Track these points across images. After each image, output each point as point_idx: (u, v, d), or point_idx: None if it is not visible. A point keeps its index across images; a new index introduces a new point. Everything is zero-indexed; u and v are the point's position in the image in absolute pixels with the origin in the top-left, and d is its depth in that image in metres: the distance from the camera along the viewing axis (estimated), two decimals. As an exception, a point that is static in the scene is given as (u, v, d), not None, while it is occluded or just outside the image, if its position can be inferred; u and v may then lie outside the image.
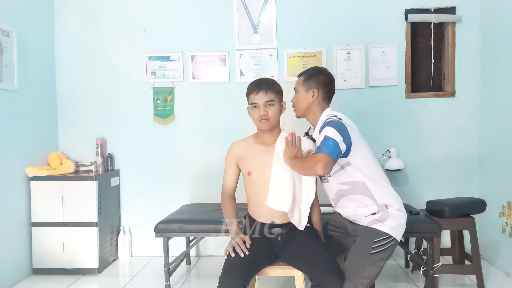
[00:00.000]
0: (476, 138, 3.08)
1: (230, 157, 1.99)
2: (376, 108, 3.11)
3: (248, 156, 1.93)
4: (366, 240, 1.80)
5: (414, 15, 3.04)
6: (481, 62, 3.05)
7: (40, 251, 2.86)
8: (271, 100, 1.86)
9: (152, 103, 3.24)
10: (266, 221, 1.90)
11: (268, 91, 1.86)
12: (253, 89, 1.88)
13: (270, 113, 1.86)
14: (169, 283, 2.50)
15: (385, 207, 1.81)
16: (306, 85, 1.94)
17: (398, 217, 1.82)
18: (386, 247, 1.77)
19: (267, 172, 1.88)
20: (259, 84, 1.88)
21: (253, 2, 3.15)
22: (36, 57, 3.04)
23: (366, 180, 1.83)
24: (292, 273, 1.88)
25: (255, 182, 1.91)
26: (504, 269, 2.76)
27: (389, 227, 1.78)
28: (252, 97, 1.89)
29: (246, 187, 1.98)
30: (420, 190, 3.11)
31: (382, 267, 1.80)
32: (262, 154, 1.92)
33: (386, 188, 1.86)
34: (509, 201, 2.67)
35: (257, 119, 1.88)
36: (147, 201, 3.25)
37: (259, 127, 1.93)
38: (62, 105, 3.28)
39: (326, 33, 3.13)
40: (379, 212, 1.81)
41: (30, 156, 2.91)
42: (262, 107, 1.86)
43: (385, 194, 1.84)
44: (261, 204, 1.90)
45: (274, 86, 1.90)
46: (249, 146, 1.97)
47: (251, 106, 1.90)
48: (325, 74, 1.97)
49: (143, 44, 3.23)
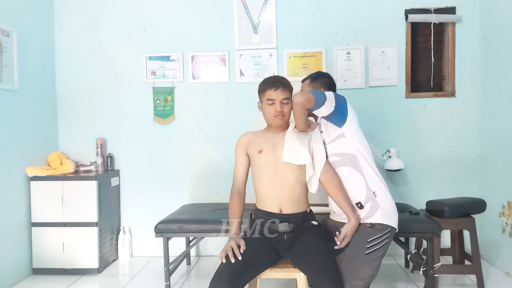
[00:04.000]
0: (476, 138, 3.08)
1: (239, 147, 2.02)
2: (376, 108, 3.11)
3: (258, 138, 1.99)
4: (360, 241, 1.80)
5: (414, 15, 3.04)
6: (481, 62, 3.05)
7: (40, 251, 2.86)
8: (287, 98, 1.93)
9: (152, 103, 3.24)
10: (274, 210, 1.89)
11: (285, 90, 1.93)
12: (271, 86, 1.93)
13: (286, 110, 1.94)
14: (169, 283, 2.50)
15: (373, 195, 1.84)
16: (313, 86, 2.06)
17: (387, 204, 1.85)
18: (380, 246, 1.79)
19: (278, 151, 1.91)
20: (276, 82, 1.93)
21: (253, 2, 3.15)
22: (36, 57, 3.04)
23: (357, 154, 1.88)
24: (294, 275, 1.87)
25: (266, 160, 1.92)
26: (504, 269, 2.76)
27: (380, 217, 1.81)
28: (269, 93, 1.92)
29: (254, 173, 1.97)
30: (420, 190, 3.11)
31: (378, 267, 1.80)
32: (273, 137, 1.97)
33: (374, 168, 1.90)
34: (509, 201, 2.67)
35: (272, 114, 1.93)
36: (147, 201, 3.25)
37: (273, 122, 1.97)
38: (62, 105, 3.28)
39: (326, 33, 3.13)
40: (367, 203, 1.84)
41: (30, 156, 2.91)
42: (279, 103, 1.91)
43: (373, 174, 1.87)
44: (270, 187, 1.90)
45: (289, 84, 1.98)
46: (259, 134, 2.03)
47: (267, 102, 1.93)
48: (328, 77, 2.12)
49: (143, 44, 3.23)
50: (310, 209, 2.00)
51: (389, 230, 1.82)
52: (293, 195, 1.90)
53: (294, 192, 1.90)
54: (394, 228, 1.85)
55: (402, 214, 2.44)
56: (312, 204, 2.08)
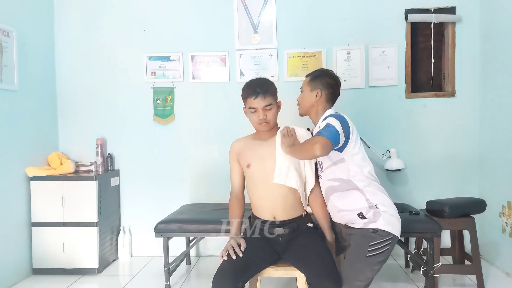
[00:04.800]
0: (476, 138, 3.08)
1: (232, 155, 2.02)
2: (376, 108, 3.11)
3: (247, 149, 1.97)
4: (362, 243, 1.79)
5: (414, 15, 3.04)
6: (481, 62, 3.05)
7: (40, 251, 2.86)
8: (269, 104, 1.88)
9: (152, 103, 3.24)
10: (268, 218, 1.90)
11: (266, 96, 1.86)
12: (251, 94, 1.87)
13: (270, 116, 1.89)
14: (169, 283, 2.50)
15: (375, 207, 1.81)
16: (311, 85, 1.97)
17: (389, 213, 1.82)
18: (382, 250, 1.76)
19: (267, 164, 1.90)
20: (256, 89, 1.86)
21: (253, 2, 3.15)
22: (36, 57, 3.04)
23: (357, 179, 1.84)
24: (294, 274, 1.87)
25: (255, 174, 1.92)
26: (504, 269, 2.76)
27: (383, 224, 1.78)
28: (250, 102, 1.88)
29: (247, 184, 1.99)
30: (420, 190, 3.10)
31: (377, 271, 1.79)
32: (261, 147, 1.94)
33: (377, 189, 1.86)
34: (509, 201, 2.67)
35: (256, 122, 1.91)
36: (147, 201, 3.25)
37: (259, 129, 1.96)
38: (62, 105, 3.28)
39: (326, 33, 3.13)
40: (368, 212, 1.81)
41: (30, 156, 2.91)
42: (261, 111, 1.87)
43: (375, 195, 1.84)
44: (262, 198, 1.91)
45: (270, 89, 1.90)
46: (248, 141, 2.01)
47: (249, 111, 1.91)
48: (331, 76, 1.99)
49: (143, 44, 3.23)
50: (306, 212, 1.99)
51: (391, 238, 1.79)
52: (286, 204, 1.90)
53: (287, 201, 1.90)
54: (396, 236, 1.81)
55: (402, 214, 2.42)
56: None
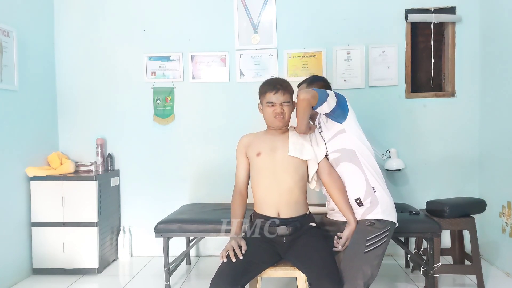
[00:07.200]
0: (476, 138, 3.08)
1: (239, 148, 2.03)
2: (376, 108, 3.11)
3: (258, 140, 2.00)
4: (358, 240, 1.81)
5: (414, 15, 3.04)
6: (481, 62, 3.05)
7: (40, 251, 2.86)
8: (287, 101, 1.93)
9: (152, 103, 3.24)
10: (271, 214, 1.89)
11: (285, 92, 1.92)
12: (271, 89, 1.92)
13: (286, 112, 1.94)
14: (169, 283, 2.50)
15: (372, 191, 1.86)
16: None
17: (385, 199, 1.87)
18: (379, 244, 1.79)
19: (277, 154, 1.92)
20: (276, 85, 1.93)
21: (253, 2, 3.15)
22: (36, 57, 3.04)
23: (356, 149, 1.90)
24: (294, 274, 1.87)
25: (264, 164, 1.92)
26: (504, 269, 2.76)
27: (380, 212, 1.83)
28: (269, 96, 1.92)
29: (253, 176, 1.97)
30: (420, 190, 3.11)
31: (378, 267, 1.80)
32: (272, 139, 1.98)
33: (374, 163, 1.92)
34: (509, 201, 2.67)
35: (272, 115, 1.93)
36: (147, 201, 3.25)
37: (273, 124, 1.97)
38: (62, 105, 3.28)
39: (326, 33, 3.13)
40: (366, 199, 1.85)
41: (30, 156, 2.91)
42: (279, 106, 1.92)
43: (372, 169, 1.89)
44: (268, 191, 1.90)
45: (289, 87, 1.97)
46: (259, 135, 2.04)
47: (267, 105, 1.94)
48: (324, 80, 2.18)
49: (143, 44, 3.23)
50: (309, 212, 1.99)
51: (388, 228, 1.83)
52: (291, 199, 1.90)
53: (292, 195, 1.90)
54: (394, 223, 1.87)
55: (402, 214, 2.45)
56: (310, 204, 2.07)
